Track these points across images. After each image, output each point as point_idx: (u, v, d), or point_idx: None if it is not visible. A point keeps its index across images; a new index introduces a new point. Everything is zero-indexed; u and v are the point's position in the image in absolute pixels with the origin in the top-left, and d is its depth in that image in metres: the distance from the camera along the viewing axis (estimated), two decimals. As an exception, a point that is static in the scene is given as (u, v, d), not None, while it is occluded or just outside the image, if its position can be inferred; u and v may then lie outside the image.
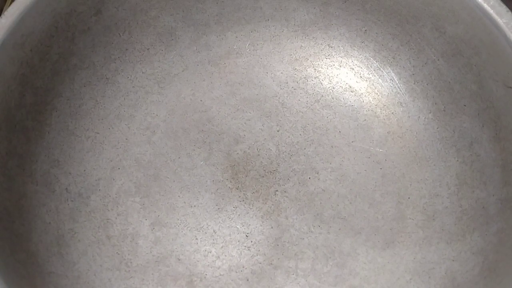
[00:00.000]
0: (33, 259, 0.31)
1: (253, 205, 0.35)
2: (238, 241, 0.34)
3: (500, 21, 0.31)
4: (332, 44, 0.38)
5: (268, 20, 0.38)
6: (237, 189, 0.35)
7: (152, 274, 0.33)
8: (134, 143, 0.36)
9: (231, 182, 0.35)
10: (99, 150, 0.35)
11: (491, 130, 0.33)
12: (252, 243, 0.34)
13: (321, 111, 0.37)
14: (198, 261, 0.33)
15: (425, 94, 0.36)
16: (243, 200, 0.35)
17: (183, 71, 0.38)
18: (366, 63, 0.37)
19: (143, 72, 0.37)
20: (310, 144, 0.36)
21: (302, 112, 0.37)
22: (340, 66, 0.38)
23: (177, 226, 0.34)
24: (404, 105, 0.37)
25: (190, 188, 0.35)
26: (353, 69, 0.38)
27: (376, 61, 0.37)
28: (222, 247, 0.34)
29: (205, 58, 0.38)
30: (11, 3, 0.35)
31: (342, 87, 0.38)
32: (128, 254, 0.33)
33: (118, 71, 0.36)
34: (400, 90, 0.37)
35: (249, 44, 0.38)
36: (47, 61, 0.33)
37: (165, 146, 0.36)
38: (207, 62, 0.38)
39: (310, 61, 0.38)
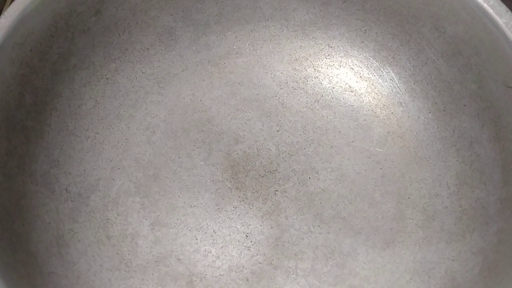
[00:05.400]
0: (33, 259, 0.31)
1: (253, 205, 0.35)
2: (238, 241, 0.34)
3: (499, 20, 0.31)
4: (332, 44, 0.38)
5: (268, 20, 0.38)
6: (237, 189, 0.35)
7: (152, 274, 0.33)
8: (134, 143, 0.36)
9: (231, 182, 0.35)
10: (99, 150, 0.35)
11: (491, 130, 0.33)
12: (252, 243, 0.34)
13: (321, 111, 0.37)
14: (198, 261, 0.33)
15: (425, 94, 0.36)
16: (243, 200, 0.35)
17: (183, 71, 0.38)
18: (366, 63, 0.37)
19: (143, 72, 0.37)
20: (310, 144, 0.36)
21: (302, 112, 0.37)
22: (340, 66, 0.38)
23: (177, 226, 0.34)
24: (404, 105, 0.37)
25: (190, 188, 0.35)
26: (353, 69, 0.38)
27: (376, 61, 0.37)
28: (222, 247, 0.34)
29: (205, 58, 0.38)
30: (11, 3, 0.35)
31: (342, 87, 0.38)
32: (128, 254, 0.33)
33: (118, 71, 0.36)
34: (400, 90, 0.37)
35: (249, 44, 0.38)
36: (47, 61, 0.33)
37: (165, 146, 0.36)
38: (207, 62, 0.38)
39: (310, 61, 0.38)
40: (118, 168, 0.35)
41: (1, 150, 0.31)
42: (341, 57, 0.38)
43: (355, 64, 0.38)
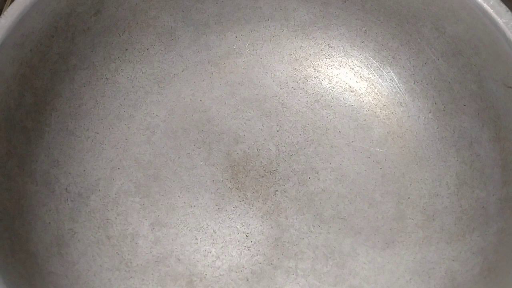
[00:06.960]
0: (33, 259, 0.31)
1: (253, 205, 0.35)
2: (238, 241, 0.34)
3: (500, 20, 0.31)
4: (332, 44, 0.38)
5: (268, 20, 0.38)
6: (237, 189, 0.35)
7: (152, 274, 0.33)
8: (134, 143, 0.36)
9: (231, 182, 0.35)
10: (99, 150, 0.35)
11: (491, 130, 0.33)
12: (252, 243, 0.34)
13: (321, 111, 0.37)
14: (198, 261, 0.33)
15: (425, 94, 0.36)
16: (243, 200, 0.35)
17: (183, 71, 0.38)
18: (366, 63, 0.37)
19: (143, 72, 0.37)
20: (310, 144, 0.36)
21: (302, 112, 0.37)
22: (340, 66, 0.38)
23: (177, 226, 0.34)
24: (404, 105, 0.37)
25: (190, 188, 0.35)
26: (353, 69, 0.38)
27: (376, 61, 0.37)
28: (222, 247, 0.34)
29: (205, 58, 0.38)
30: (11, 3, 0.35)
31: (342, 87, 0.38)
32: (128, 254, 0.33)
33: (118, 71, 0.36)
34: (400, 90, 0.37)
35: (249, 44, 0.38)
36: (47, 61, 0.33)
37: (165, 146, 0.36)
38: (207, 62, 0.38)
39: (310, 61, 0.38)
40: (118, 168, 0.35)
41: (1, 150, 0.31)
42: (341, 57, 0.38)
43: (355, 64, 0.38)
